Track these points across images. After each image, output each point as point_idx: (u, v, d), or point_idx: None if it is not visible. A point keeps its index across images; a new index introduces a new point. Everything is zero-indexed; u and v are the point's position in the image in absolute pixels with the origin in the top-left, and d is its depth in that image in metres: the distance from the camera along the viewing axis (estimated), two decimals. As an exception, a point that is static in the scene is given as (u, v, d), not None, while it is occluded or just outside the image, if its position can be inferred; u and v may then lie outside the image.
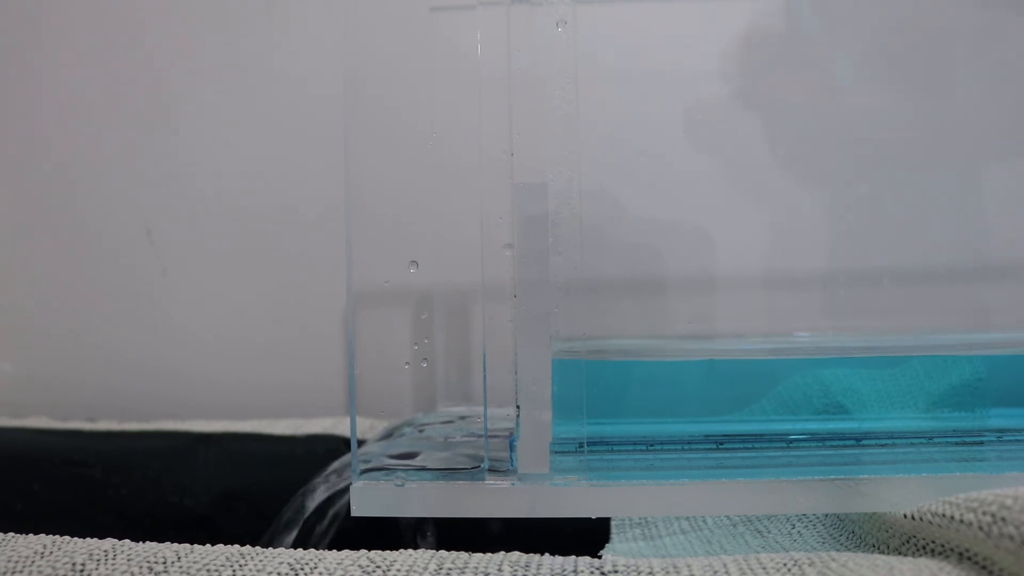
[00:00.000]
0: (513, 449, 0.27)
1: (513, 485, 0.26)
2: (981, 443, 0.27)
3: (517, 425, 0.26)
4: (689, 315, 0.33)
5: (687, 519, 0.30)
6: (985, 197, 0.33)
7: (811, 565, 0.21)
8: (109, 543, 0.23)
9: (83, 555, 0.23)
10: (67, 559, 0.22)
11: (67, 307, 0.57)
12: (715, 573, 0.21)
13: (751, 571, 0.21)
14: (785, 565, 0.21)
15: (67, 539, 0.24)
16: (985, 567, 0.19)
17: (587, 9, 0.29)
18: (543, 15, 0.27)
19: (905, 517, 0.23)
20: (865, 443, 0.27)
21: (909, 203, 0.33)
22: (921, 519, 0.22)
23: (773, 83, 0.34)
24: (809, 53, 0.33)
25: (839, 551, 0.24)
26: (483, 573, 0.22)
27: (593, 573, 0.22)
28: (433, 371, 0.34)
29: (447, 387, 0.36)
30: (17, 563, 0.22)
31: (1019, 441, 0.27)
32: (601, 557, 0.23)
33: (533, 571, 0.22)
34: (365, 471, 0.27)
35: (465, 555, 0.23)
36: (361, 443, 0.31)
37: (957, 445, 0.27)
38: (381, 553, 0.23)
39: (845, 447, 0.27)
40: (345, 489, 0.34)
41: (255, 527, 0.37)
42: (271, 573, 0.22)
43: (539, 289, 0.26)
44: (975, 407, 0.28)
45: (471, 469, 0.27)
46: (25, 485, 0.44)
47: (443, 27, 0.30)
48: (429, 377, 0.34)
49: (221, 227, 0.55)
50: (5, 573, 0.22)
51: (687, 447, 0.27)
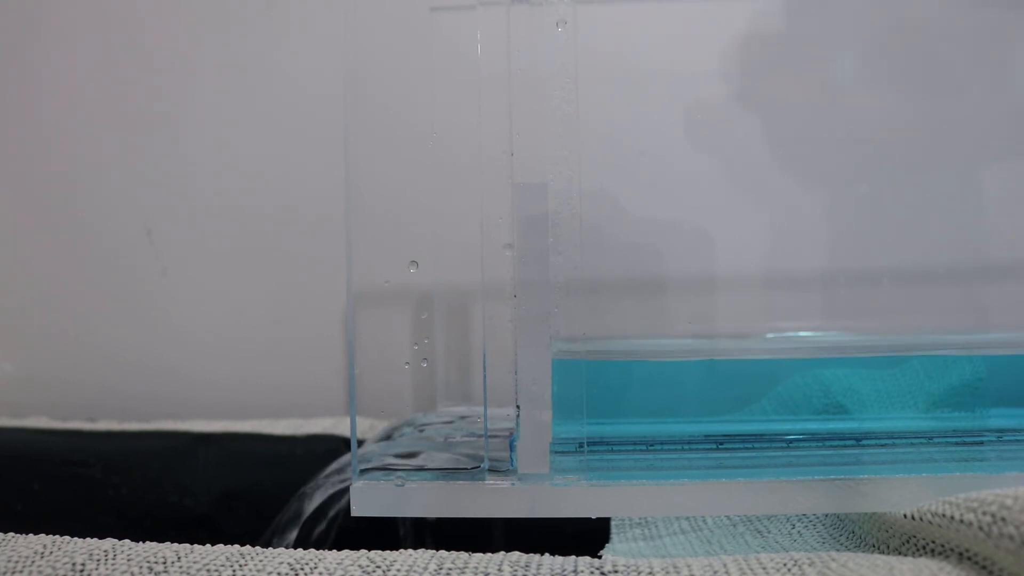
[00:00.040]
0: (513, 449, 0.27)
1: (513, 485, 0.26)
2: (981, 443, 0.27)
3: (517, 425, 0.26)
4: (689, 315, 0.33)
5: (687, 519, 0.30)
6: (985, 197, 0.33)
7: (811, 565, 0.21)
8: (109, 543, 0.23)
9: (83, 555, 0.23)
10: (67, 559, 0.22)
11: (67, 307, 0.57)
12: (715, 573, 0.21)
13: (751, 571, 0.21)
14: (785, 565, 0.21)
15: (67, 539, 0.24)
16: (985, 567, 0.19)
17: (587, 9, 0.29)
18: (543, 15, 0.27)
19: (905, 517, 0.23)
20: (865, 443, 0.27)
21: (909, 203, 0.33)
22: (921, 519, 0.22)
23: (773, 83, 0.34)
24: (809, 53, 0.33)
25: (839, 551, 0.24)
26: (483, 573, 0.22)
27: (593, 573, 0.22)
28: (433, 371, 0.34)
29: (447, 387, 0.36)
30: (17, 563, 0.22)
31: (1019, 441, 0.27)
32: (601, 557, 0.23)
33: (533, 571, 0.22)
34: (365, 471, 0.27)
35: (465, 555, 0.23)
36: (361, 443, 0.31)
37: (957, 445, 0.27)
38: (381, 553, 0.23)
39: (845, 447, 0.27)
40: (345, 489, 0.34)
41: (255, 527, 0.37)
42: (271, 573, 0.22)
43: (539, 289, 0.26)
44: (975, 407, 0.28)
45: (471, 469, 0.27)
46: (25, 485, 0.44)
47: (443, 27, 0.30)
48: (429, 377, 0.34)
49: (221, 227, 0.55)
50: (5, 573, 0.22)
51: (687, 447, 0.27)
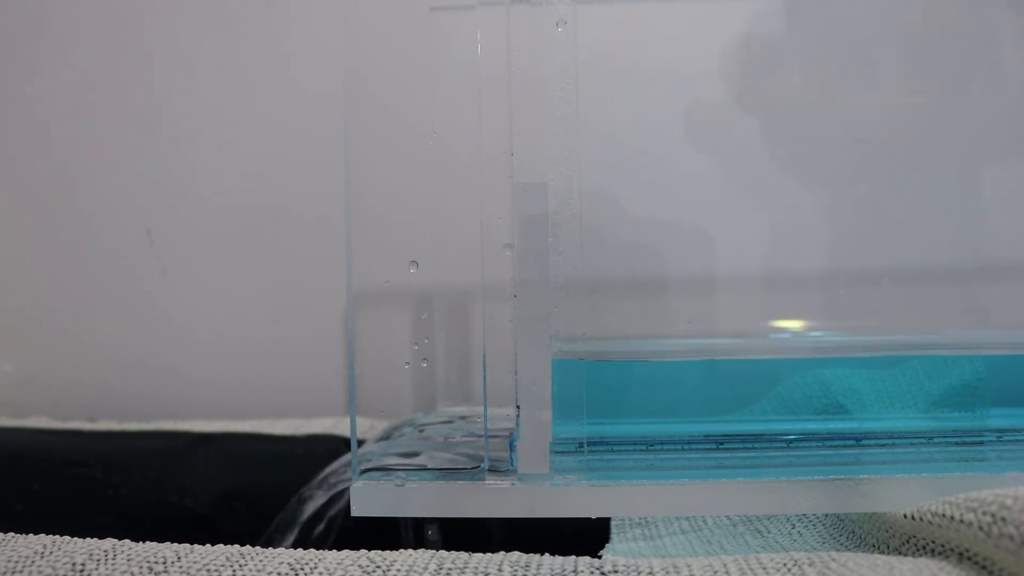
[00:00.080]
0: (513, 449, 0.27)
1: (513, 485, 0.26)
2: (981, 443, 0.27)
3: (517, 425, 0.26)
4: (689, 315, 0.33)
5: (687, 519, 0.30)
6: (985, 197, 0.33)
7: (811, 565, 0.21)
8: (109, 543, 0.23)
9: (83, 555, 0.23)
10: (67, 559, 0.22)
11: (67, 307, 0.57)
12: (715, 573, 0.21)
13: (751, 571, 0.21)
14: (785, 565, 0.21)
15: (67, 539, 0.24)
16: (985, 567, 0.19)
17: (587, 9, 0.29)
18: (543, 15, 0.27)
19: (905, 517, 0.23)
20: (865, 443, 0.27)
21: (909, 203, 0.33)
22: (921, 519, 0.22)
23: (773, 83, 0.34)
24: (809, 53, 0.33)
25: (839, 551, 0.24)
26: (483, 573, 0.22)
27: (593, 573, 0.22)
28: (433, 371, 0.34)
29: (447, 387, 0.36)
30: (17, 563, 0.22)
31: (1019, 441, 0.27)
32: (601, 557, 0.23)
33: (533, 571, 0.22)
34: (365, 471, 0.27)
35: (465, 555, 0.23)
36: (361, 443, 0.31)
37: (957, 445, 0.27)
38: (381, 553, 0.23)
39: (845, 447, 0.27)
40: (345, 489, 0.34)
41: (255, 527, 0.37)
42: (271, 573, 0.22)
43: (539, 289, 0.26)
44: (975, 407, 0.28)
45: (471, 469, 0.27)
46: (25, 485, 0.44)
47: (443, 27, 0.30)
48: (429, 377, 0.34)
49: (221, 227, 0.55)
50: (5, 573, 0.22)
51: (687, 447, 0.27)
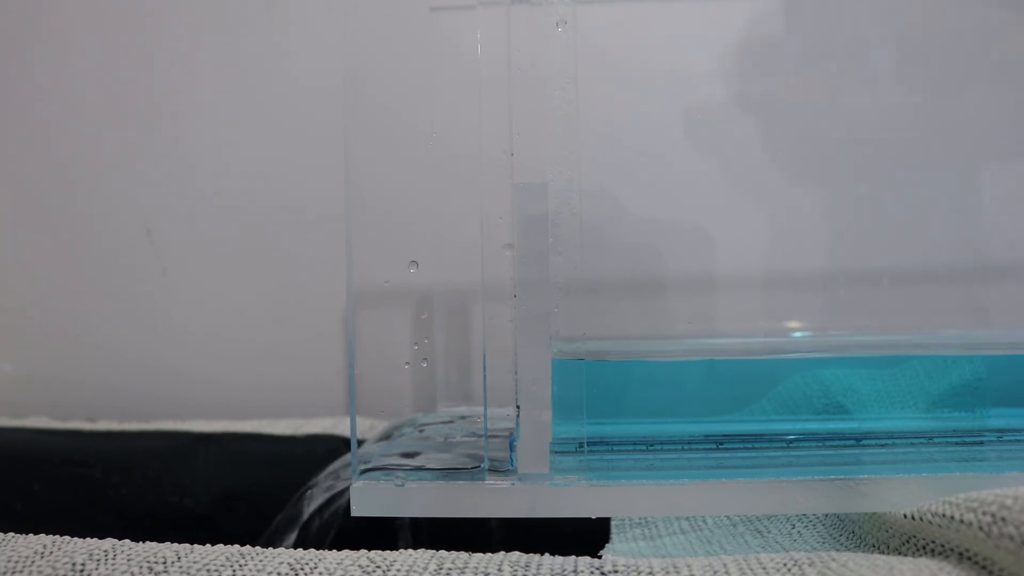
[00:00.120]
0: (513, 449, 0.27)
1: (513, 485, 0.26)
2: (981, 443, 0.27)
3: (517, 425, 0.26)
4: (689, 315, 0.33)
5: (687, 519, 0.30)
6: (985, 197, 0.33)
7: (811, 565, 0.21)
8: (109, 543, 0.23)
9: (83, 555, 0.23)
10: (67, 559, 0.22)
11: (67, 307, 0.57)
12: (715, 573, 0.21)
13: (751, 571, 0.21)
14: (785, 565, 0.21)
15: (67, 539, 0.24)
16: (985, 567, 0.19)
17: (587, 9, 0.29)
18: (543, 15, 0.27)
19: (905, 517, 0.23)
20: (865, 443, 0.27)
21: (909, 203, 0.33)
22: (921, 519, 0.22)
23: (773, 83, 0.34)
24: (809, 53, 0.33)
25: (839, 551, 0.24)
26: (483, 573, 0.22)
27: (593, 573, 0.22)
28: (433, 371, 0.34)
29: (447, 387, 0.36)
30: (17, 563, 0.22)
31: (1019, 441, 0.27)
32: (601, 557, 0.23)
33: (533, 571, 0.22)
34: (365, 471, 0.27)
35: (465, 555, 0.23)
36: (361, 443, 0.31)
37: (957, 445, 0.27)
38: (381, 553, 0.23)
39: (845, 447, 0.27)
40: (345, 489, 0.34)
41: (255, 527, 0.37)
42: (271, 573, 0.22)
43: (539, 289, 0.26)
44: (975, 407, 0.28)
45: (471, 469, 0.27)
46: (25, 485, 0.44)
47: (443, 27, 0.30)
48: (429, 377, 0.34)
49: (221, 227, 0.55)
50: (5, 573, 0.22)
51: (687, 447, 0.27)
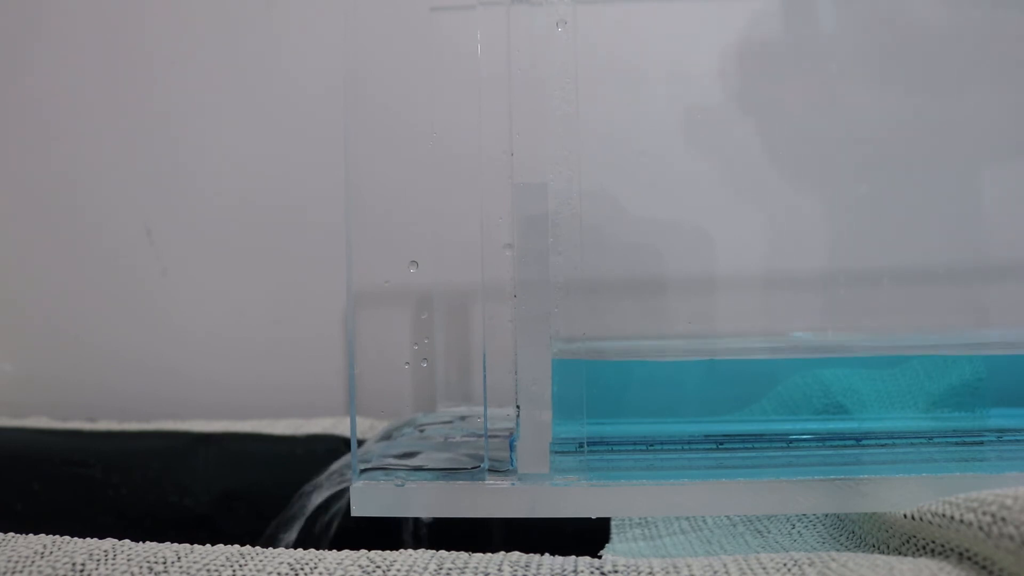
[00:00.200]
0: (513, 449, 0.27)
1: (513, 485, 0.26)
2: (981, 443, 0.27)
3: (517, 425, 0.26)
4: (689, 315, 0.33)
5: (687, 519, 0.30)
6: (985, 197, 0.33)
7: (811, 565, 0.21)
8: (109, 543, 0.23)
9: (83, 555, 0.23)
10: (67, 559, 0.22)
11: (67, 307, 0.57)
12: (715, 573, 0.21)
13: (751, 571, 0.21)
14: (785, 565, 0.21)
15: (67, 539, 0.24)
16: (985, 567, 0.19)
17: (587, 9, 0.29)
18: (543, 15, 0.27)
19: (905, 517, 0.23)
20: (865, 443, 0.27)
21: (909, 203, 0.33)
22: (921, 519, 0.22)
23: (773, 83, 0.34)
24: (809, 53, 0.33)
25: (839, 551, 0.24)
26: (483, 573, 0.22)
27: (593, 573, 0.22)
28: (433, 371, 0.34)
29: (447, 387, 0.36)
30: (17, 563, 0.22)
31: (1019, 441, 0.27)
32: (601, 557, 0.23)
33: (533, 571, 0.22)
34: (365, 471, 0.27)
35: (465, 555, 0.23)
36: (361, 443, 0.31)
37: (957, 445, 0.27)
38: (381, 553, 0.23)
39: (845, 447, 0.27)
40: (345, 489, 0.34)
41: (255, 527, 0.37)
42: (271, 573, 0.22)
43: (539, 289, 0.26)
44: (975, 407, 0.28)
45: (471, 469, 0.27)
46: (25, 485, 0.44)
47: (443, 27, 0.30)
48: (429, 377, 0.34)
49: (221, 227, 0.55)
50: (5, 573, 0.22)
51: (687, 447, 0.27)
